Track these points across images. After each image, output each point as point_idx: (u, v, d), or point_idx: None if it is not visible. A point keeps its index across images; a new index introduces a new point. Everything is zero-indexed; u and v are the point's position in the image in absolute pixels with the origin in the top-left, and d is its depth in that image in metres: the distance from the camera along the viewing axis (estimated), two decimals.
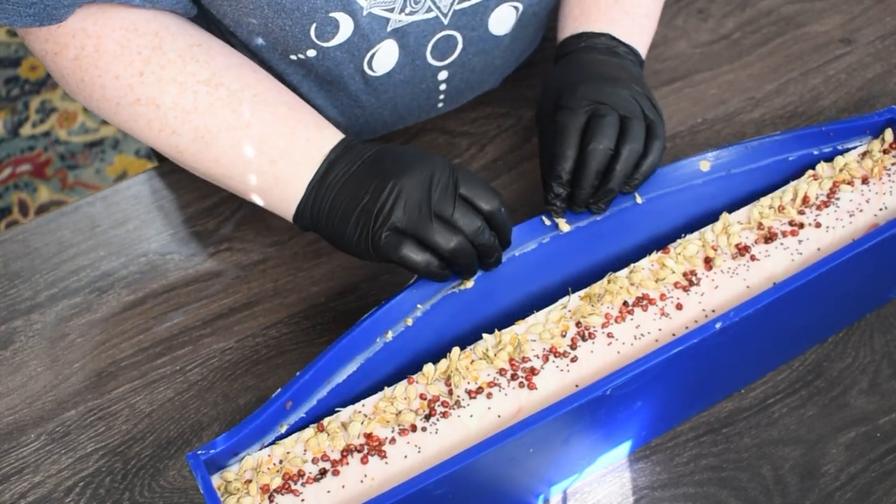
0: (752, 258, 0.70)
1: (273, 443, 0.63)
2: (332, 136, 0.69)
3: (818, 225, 0.72)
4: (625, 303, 0.67)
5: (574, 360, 0.65)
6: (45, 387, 0.76)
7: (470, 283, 0.68)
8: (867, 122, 0.76)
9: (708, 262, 0.70)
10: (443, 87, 0.82)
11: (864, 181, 0.74)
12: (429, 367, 0.64)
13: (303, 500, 0.60)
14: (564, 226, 0.71)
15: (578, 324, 0.67)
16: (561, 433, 0.63)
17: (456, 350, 0.65)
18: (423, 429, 0.62)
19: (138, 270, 0.82)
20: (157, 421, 0.74)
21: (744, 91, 0.93)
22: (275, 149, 0.68)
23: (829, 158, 0.76)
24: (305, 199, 0.68)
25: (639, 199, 0.73)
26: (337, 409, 0.64)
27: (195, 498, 0.70)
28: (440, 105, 0.85)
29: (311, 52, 0.73)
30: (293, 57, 0.74)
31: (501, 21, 0.78)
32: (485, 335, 0.66)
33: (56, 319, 0.79)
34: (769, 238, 0.71)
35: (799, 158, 0.76)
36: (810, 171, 0.74)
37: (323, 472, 0.61)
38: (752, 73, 0.94)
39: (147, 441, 0.73)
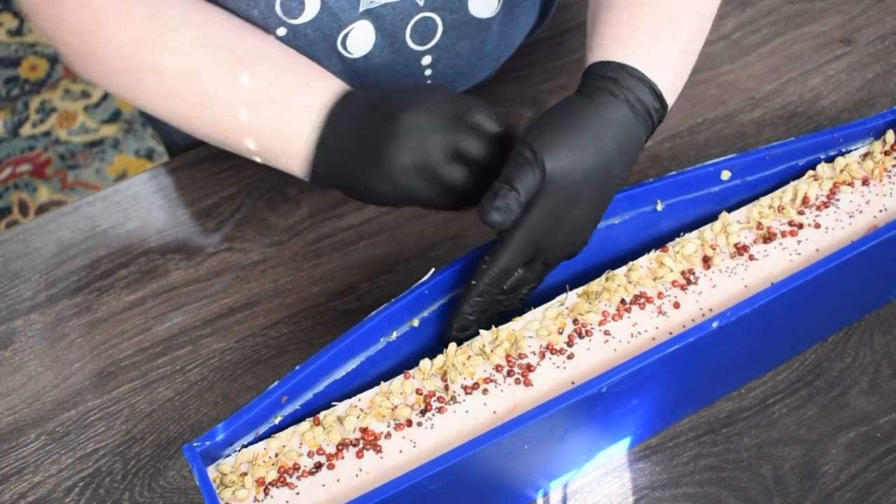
0: (751, 258, 0.70)
1: (268, 435, 0.63)
2: (328, 89, 0.68)
3: (817, 225, 0.72)
4: (622, 301, 0.67)
5: (570, 357, 0.65)
6: (45, 387, 0.76)
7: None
8: (871, 124, 0.76)
9: (706, 261, 0.70)
10: (428, 72, 0.81)
11: (865, 182, 0.74)
12: (425, 363, 0.65)
13: (298, 494, 0.60)
14: None
15: (575, 321, 0.67)
16: (557, 430, 0.63)
17: (452, 346, 0.65)
18: (419, 424, 0.62)
19: (138, 270, 0.82)
20: (157, 421, 0.74)
21: (744, 91, 0.93)
22: (272, 112, 0.67)
23: (829, 159, 0.76)
24: (317, 158, 0.67)
25: (659, 207, 0.72)
26: (332, 402, 0.64)
27: (195, 498, 0.70)
28: None
29: (282, 31, 0.73)
30: None
31: (483, 3, 0.77)
32: (482, 331, 0.66)
33: (56, 319, 0.79)
34: (768, 238, 0.71)
35: (807, 163, 0.76)
36: (810, 172, 0.74)
37: (318, 466, 0.61)
38: (752, 73, 0.94)
39: (147, 441, 0.73)
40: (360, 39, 0.75)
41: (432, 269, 0.67)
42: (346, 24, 0.73)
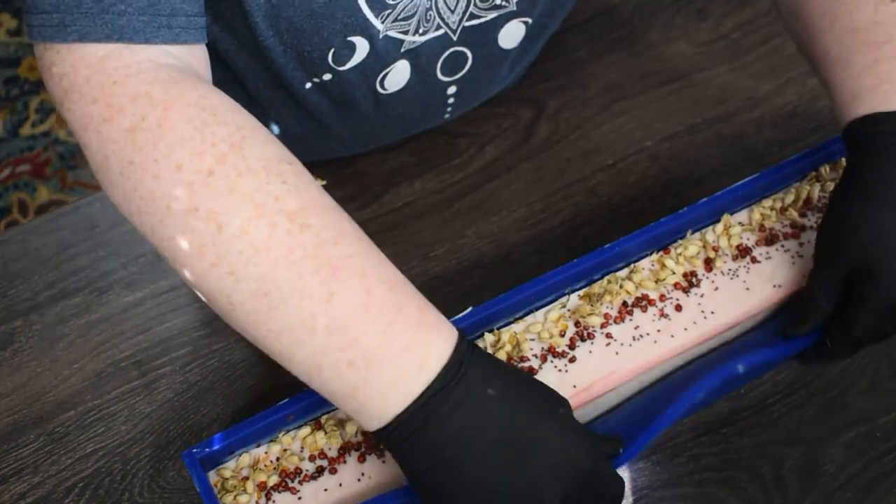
0: (753, 260, 0.70)
1: (270, 440, 0.63)
2: (437, 348, 0.52)
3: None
4: (624, 303, 0.67)
5: (572, 360, 0.65)
6: (44, 387, 0.76)
7: None
8: None
9: (708, 263, 0.70)
10: (451, 100, 0.82)
11: None
12: None
13: (300, 499, 0.60)
14: None
15: (577, 324, 0.67)
16: None
17: None
18: None
19: (138, 270, 0.82)
20: (157, 421, 0.74)
21: (743, 91, 0.93)
22: (359, 347, 0.51)
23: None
24: (398, 431, 0.52)
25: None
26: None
27: (195, 498, 0.70)
28: (447, 116, 0.86)
29: (327, 76, 0.72)
30: (308, 85, 0.73)
31: (511, 36, 0.78)
32: (485, 334, 0.66)
33: (55, 320, 0.79)
34: (770, 240, 0.71)
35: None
36: (813, 173, 0.74)
37: (320, 470, 0.61)
38: (752, 73, 0.94)
39: (147, 442, 0.73)
40: (396, 77, 0.75)
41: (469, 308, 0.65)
42: (389, 64, 0.73)
